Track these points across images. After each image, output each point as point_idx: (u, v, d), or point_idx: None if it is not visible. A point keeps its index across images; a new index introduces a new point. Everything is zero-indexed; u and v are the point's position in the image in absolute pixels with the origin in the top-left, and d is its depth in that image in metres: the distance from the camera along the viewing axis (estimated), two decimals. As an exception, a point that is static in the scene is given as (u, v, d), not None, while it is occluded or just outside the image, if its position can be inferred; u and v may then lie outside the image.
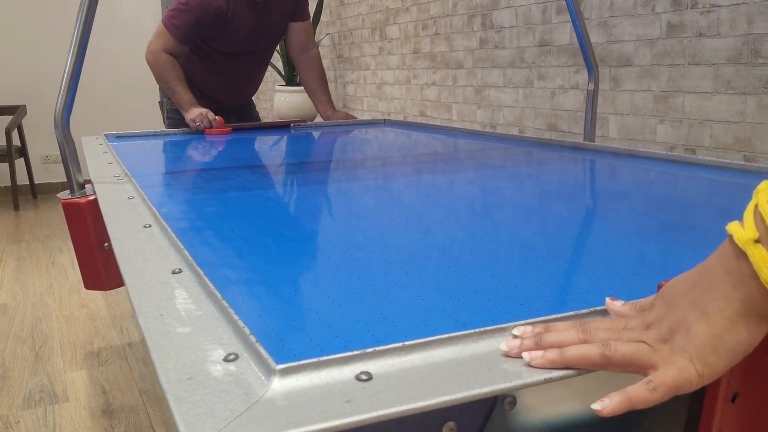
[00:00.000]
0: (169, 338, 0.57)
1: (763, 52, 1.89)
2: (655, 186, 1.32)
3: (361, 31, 4.19)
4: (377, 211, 1.14)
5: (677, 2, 2.12)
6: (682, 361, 0.47)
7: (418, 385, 0.48)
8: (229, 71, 2.67)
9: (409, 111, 3.74)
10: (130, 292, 0.69)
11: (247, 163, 1.78)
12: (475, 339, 0.54)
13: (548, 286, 0.71)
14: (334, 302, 0.67)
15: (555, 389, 0.51)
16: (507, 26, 2.89)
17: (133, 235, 0.94)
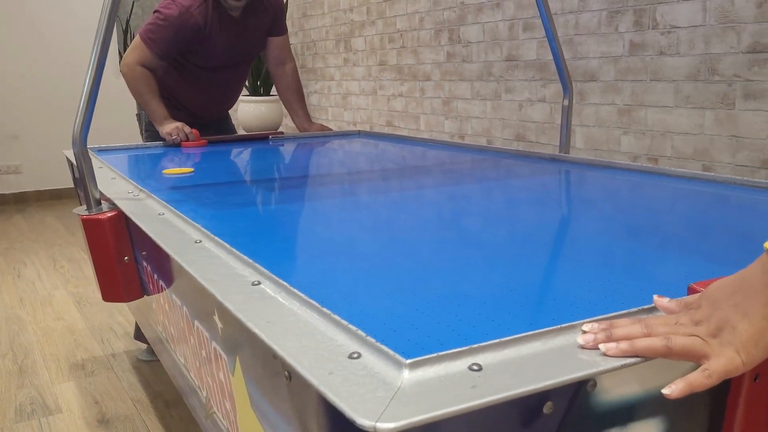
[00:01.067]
0: (289, 342, 0.66)
1: (719, 70, 2.07)
2: (631, 194, 1.47)
3: (325, 43, 4.28)
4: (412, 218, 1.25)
5: (639, 23, 2.29)
6: (730, 353, 0.59)
7: (523, 373, 0.58)
8: (208, 85, 2.73)
9: (376, 121, 3.85)
10: (227, 304, 0.77)
11: (256, 175, 1.86)
12: (554, 335, 0.65)
13: (591, 289, 0.83)
14: (409, 303, 0.78)
15: (622, 374, 0.62)
16: (474, 41, 3.03)
17: (189, 251, 1.01)
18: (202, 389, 1.12)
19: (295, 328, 0.69)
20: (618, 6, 2.35)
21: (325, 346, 0.64)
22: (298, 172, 2.06)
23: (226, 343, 0.90)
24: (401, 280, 0.90)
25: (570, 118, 2.03)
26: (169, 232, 1.14)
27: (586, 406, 0.61)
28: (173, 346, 1.30)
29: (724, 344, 0.59)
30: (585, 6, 2.47)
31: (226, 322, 0.87)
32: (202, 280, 0.86)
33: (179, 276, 1.10)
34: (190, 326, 1.09)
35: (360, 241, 1.15)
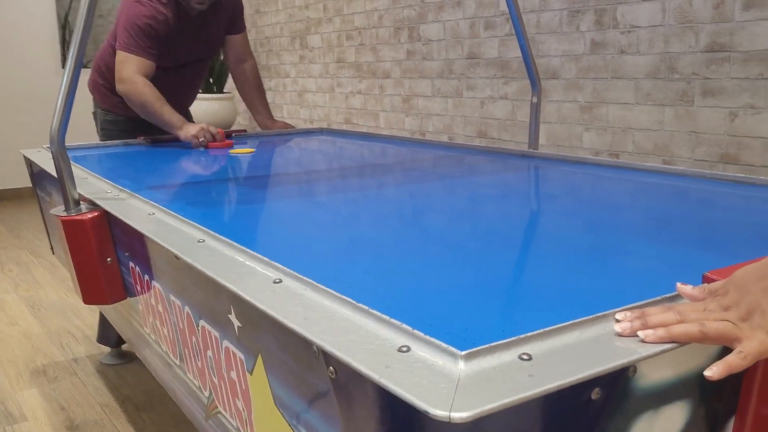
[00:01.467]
0: (335, 338, 0.66)
1: (678, 69, 2.15)
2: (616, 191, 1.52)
3: (280, 40, 4.25)
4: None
5: (600, 22, 2.36)
6: (762, 335, 0.62)
7: (572, 361, 0.60)
8: (169, 84, 2.68)
9: (334, 118, 3.85)
10: (257, 303, 0.77)
11: (232, 174, 1.84)
12: (590, 324, 0.67)
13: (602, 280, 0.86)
14: (435, 295, 0.79)
15: (657, 359, 0.65)
16: (435, 39, 3.07)
17: (195, 251, 1.00)
18: (204, 390, 1.11)
19: (333, 324, 0.70)
20: (579, 6, 2.42)
21: (371, 341, 0.65)
22: (272, 170, 2.05)
23: (243, 342, 0.89)
24: (421, 273, 0.92)
25: (539, 115, 2.08)
26: (167, 232, 1.13)
27: (627, 390, 0.64)
28: (166, 348, 1.28)
29: (755, 327, 0.63)
30: (546, 5, 2.53)
31: (246, 321, 0.87)
32: (222, 280, 0.86)
33: (181, 276, 1.09)
34: (193, 327, 1.08)
35: (362, 235, 1.16)
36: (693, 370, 0.69)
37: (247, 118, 4.79)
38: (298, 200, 1.51)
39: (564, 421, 0.60)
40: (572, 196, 1.52)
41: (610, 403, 0.63)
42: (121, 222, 1.34)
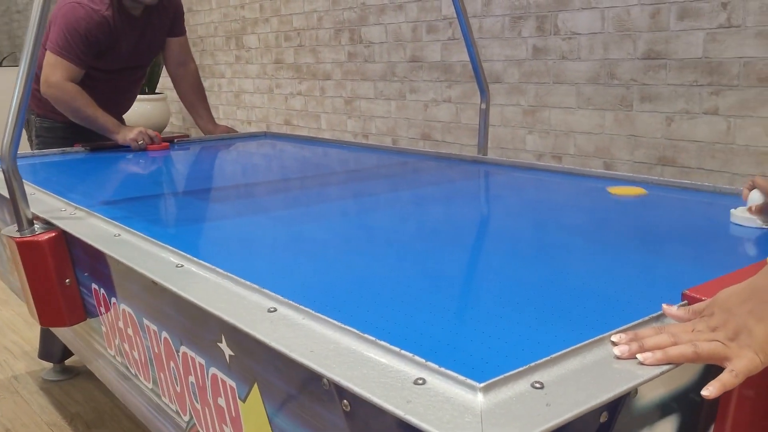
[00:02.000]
0: (348, 371, 0.67)
1: (617, 75, 2.24)
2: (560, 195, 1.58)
3: (214, 39, 4.17)
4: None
5: (541, 28, 2.43)
6: (750, 354, 0.67)
7: (581, 389, 0.63)
8: (109, 88, 2.60)
9: (273, 120, 3.82)
10: (257, 335, 0.77)
11: (186, 184, 1.81)
12: (590, 348, 0.71)
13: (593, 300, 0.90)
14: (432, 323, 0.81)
15: (655, 380, 0.69)
16: (377, 42, 3.08)
17: (176, 278, 0.99)
18: (184, 414, 1.10)
19: (342, 356, 0.71)
20: (521, 12, 2.48)
21: (385, 375, 0.67)
22: (224, 180, 2.03)
23: (236, 370, 0.89)
24: (401, 295, 0.94)
25: (487, 120, 2.12)
26: (141, 256, 1.11)
27: (629, 411, 0.67)
28: (135, 371, 1.25)
29: (743, 346, 0.67)
30: (488, 11, 2.58)
31: (239, 350, 0.87)
32: (215, 311, 0.85)
33: (158, 302, 1.07)
34: (172, 352, 1.07)
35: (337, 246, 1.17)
36: (682, 387, 0.73)
37: (180, 119, 4.69)
38: (263, 214, 1.50)
39: (578, 446, 0.63)
40: (519, 198, 1.57)
41: (615, 424, 0.66)
42: (83, 243, 1.30)
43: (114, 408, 2.23)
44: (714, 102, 2.02)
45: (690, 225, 1.30)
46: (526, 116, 2.53)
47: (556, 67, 2.40)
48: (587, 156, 2.35)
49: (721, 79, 1.99)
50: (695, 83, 2.05)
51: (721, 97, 2.00)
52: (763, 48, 1.89)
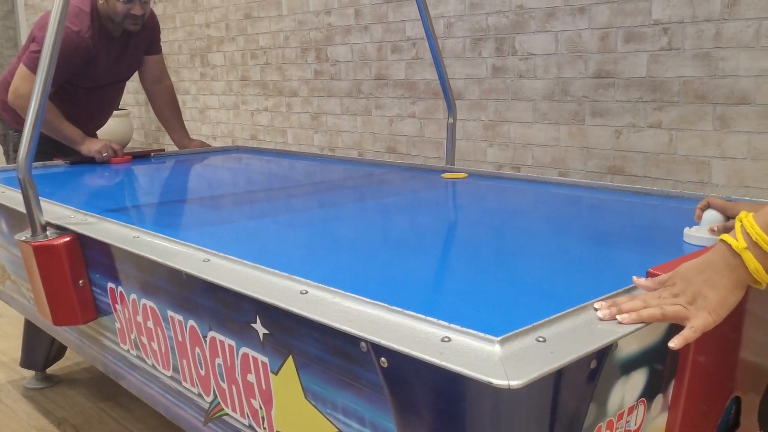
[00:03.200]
0: (385, 333, 0.82)
1: (570, 92, 2.45)
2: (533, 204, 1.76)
3: (178, 57, 4.27)
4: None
5: (500, 49, 2.63)
6: (705, 314, 0.84)
7: (576, 341, 0.80)
8: (88, 104, 2.69)
9: (239, 135, 3.93)
10: (300, 311, 0.91)
11: (178, 193, 1.93)
12: (578, 312, 0.87)
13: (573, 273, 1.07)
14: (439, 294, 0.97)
15: (631, 336, 0.86)
16: (343, 60, 3.24)
17: (205, 269, 1.12)
18: (207, 395, 1.22)
19: (375, 323, 0.86)
20: (480, 34, 2.67)
21: (416, 335, 0.82)
22: (203, 189, 2.14)
23: (269, 347, 1.03)
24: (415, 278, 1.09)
25: (454, 134, 2.30)
26: (167, 253, 1.23)
27: (612, 360, 0.84)
28: (152, 362, 1.37)
29: (700, 308, 0.85)
30: (451, 33, 2.77)
31: (275, 328, 1.01)
32: (254, 294, 0.99)
33: (186, 293, 1.19)
34: (198, 339, 1.19)
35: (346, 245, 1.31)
36: (650, 344, 0.90)
37: (143, 135, 4.75)
38: (260, 212, 1.64)
39: (574, 384, 0.79)
40: (481, 205, 1.74)
41: (602, 370, 0.83)
42: (100, 245, 1.41)
43: (99, 412, 2.30)
44: (657, 117, 2.24)
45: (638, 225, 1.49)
46: (486, 130, 2.72)
47: (514, 85, 2.60)
48: (544, 167, 2.55)
49: (664, 96, 2.21)
50: (640, 100, 2.27)
51: (663, 112, 2.22)
52: (700, 69, 2.12)
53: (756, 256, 0.83)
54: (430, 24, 2.16)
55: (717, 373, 1.06)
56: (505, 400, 0.76)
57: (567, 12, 2.41)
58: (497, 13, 2.61)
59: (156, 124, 4.55)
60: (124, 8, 2.41)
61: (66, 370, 2.59)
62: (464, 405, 0.77)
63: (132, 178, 2.34)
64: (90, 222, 1.50)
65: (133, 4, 2.42)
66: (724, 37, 2.06)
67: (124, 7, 2.41)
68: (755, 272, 0.83)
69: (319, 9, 3.26)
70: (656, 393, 0.95)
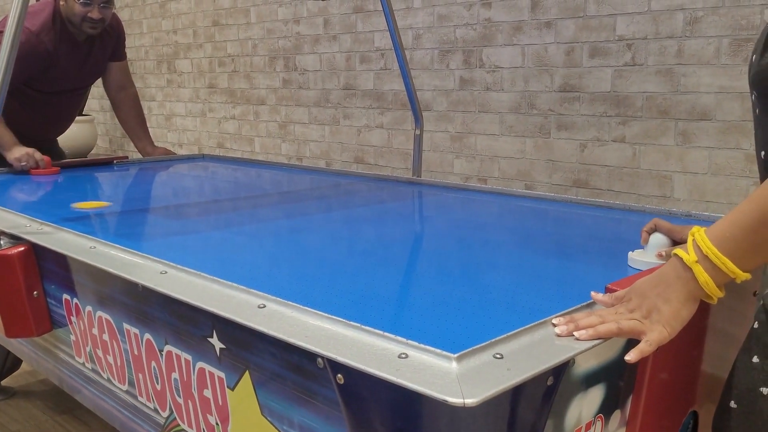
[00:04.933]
0: (343, 350, 0.81)
1: (536, 105, 2.47)
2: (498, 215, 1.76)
3: (145, 63, 4.22)
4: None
5: (468, 62, 2.64)
6: (660, 328, 0.85)
7: (532, 358, 0.79)
8: (48, 109, 2.64)
9: (205, 143, 3.89)
10: (255, 326, 0.89)
11: (138, 201, 1.89)
12: (536, 329, 0.87)
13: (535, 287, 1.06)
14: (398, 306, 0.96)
15: (588, 352, 0.86)
16: (311, 69, 3.23)
17: (162, 281, 1.10)
18: (163, 410, 1.19)
19: (333, 339, 0.84)
20: (448, 46, 2.68)
21: (374, 351, 0.81)
22: (166, 198, 2.11)
23: (225, 362, 1.01)
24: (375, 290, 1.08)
25: (421, 145, 2.30)
26: (123, 265, 1.20)
27: (569, 376, 0.84)
28: (109, 375, 1.34)
29: (654, 322, 0.85)
30: (419, 44, 2.78)
31: (231, 343, 0.99)
32: (212, 308, 0.97)
33: (143, 306, 1.17)
34: (154, 352, 1.16)
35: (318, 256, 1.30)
36: (607, 360, 0.90)
37: (107, 141, 4.68)
38: (218, 223, 1.61)
39: (531, 401, 0.79)
40: (448, 216, 1.74)
41: (559, 387, 0.82)
42: (56, 256, 1.38)
43: (55, 425, 2.24)
44: (621, 131, 2.27)
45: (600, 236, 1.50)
46: (453, 142, 2.72)
47: (481, 97, 2.61)
48: (510, 179, 2.56)
49: (627, 111, 2.24)
50: (605, 114, 2.29)
51: (627, 126, 2.25)
52: (662, 84, 2.15)
53: (706, 270, 0.84)
54: (398, 36, 2.16)
55: (675, 388, 1.06)
56: (461, 417, 0.75)
57: (534, 26, 2.43)
58: (465, 26, 2.62)
59: (121, 130, 4.49)
60: (82, 10, 2.37)
61: (21, 381, 2.53)
62: (420, 422, 0.77)
63: (94, 186, 2.30)
64: (46, 231, 1.47)
65: (92, 7, 2.38)
66: (686, 54, 2.09)
67: (82, 10, 2.37)
68: (705, 285, 0.84)
69: (288, 18, 3.25)
70: (614, 408, 0.95)
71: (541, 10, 2.40)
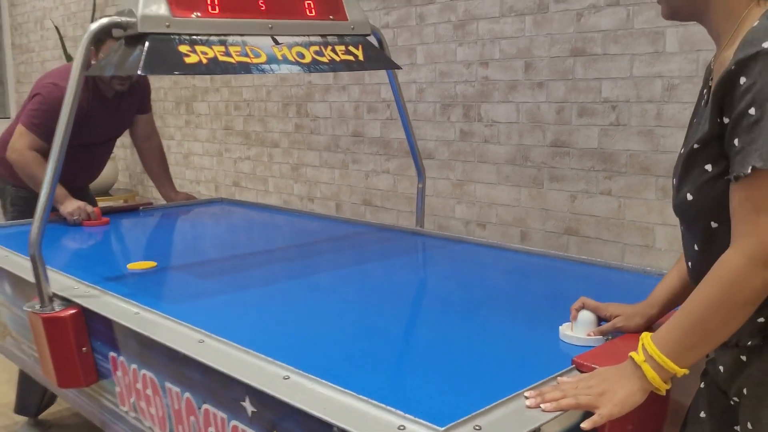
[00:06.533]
0: (351, 421, 1.01)
1: (530, 158, 2.67)
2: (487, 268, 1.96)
3: (164, 104, 4.45)
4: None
5: (467, 115, 2.85)
6: (611, 405, 1.05)
7: (506, 428, 0.99)
8: (82, 159, 2.86)
9: (221, 181, 4.12)
10: (282, 397, 1.10)
11: (176, 255, 2.11)
12: (510, 401, 1.07)
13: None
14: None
15: (553, 421, 1.05)
16: (322, 116, 3.45)
17: (200, 350, 1.30)
18: (200, 457, 1.40)
19: (345, 410, 1.05)
20: (449, 101, 2.90)
21: (378, 422, 1.01)
22: (197, 250, 2.32)
23: (256, 422, 1.21)
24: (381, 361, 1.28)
25: (424, 198, 2.51)
26: (164, 332, 1.41)
27: (536, 442, 1.04)
28: (149, 424, 1.54)
29: (608, 401, 1.05)
30: (422, 98, 2.99)
31: (261, 407, 1.19)
32: (244, 378, 1.17)
33: (184, 369, 1.37)
34: (193, 409, 1.37)
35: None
36: (570, 425, 1.10)
37: (127, 176, 4.91)
38: (261, 288, 1.82)
39: (504, 466, 0.99)
40: (447, 273, 1.94)
41: (527, 452, 1.03)
42: (102, 317, 1.59)
43: (90, 457, 2.45)
44: (608, 184, 2.47)
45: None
46: (455, 188, 2.93)
47: (480, 149, 2.82)
48: (507, 225, 2.77)
49: (613, 167, 2.44)
50: (593, 168, 2.50)
51: (613, 180, 2.45)
52: (644, 143, 2.35)
53: (653, 368, 1.05)
54: (402, 101, 2.38)
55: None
56: (447, 479, 0.95)
57: (527, 86, 2.64)
58: (464, 83, 2.83)
59: (140, 167, 4.71)
60: None
61: (57, 415, 2.74)
62: (415, 482, 0.97)
63: (125, 238, 2.51)
64: (93, 294, 1.68)
65: None
66: (665, 117, 2.30)
67: None
68: (653, 380, 1.05)
69: (299, 69, 3.48)
70: (579, 462, 1.14)
71: (533, 71, 2.61)
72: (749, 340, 1.05)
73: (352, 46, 2.06)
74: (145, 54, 1.68)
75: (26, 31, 5.75)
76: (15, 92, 6.01)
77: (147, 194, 4.58)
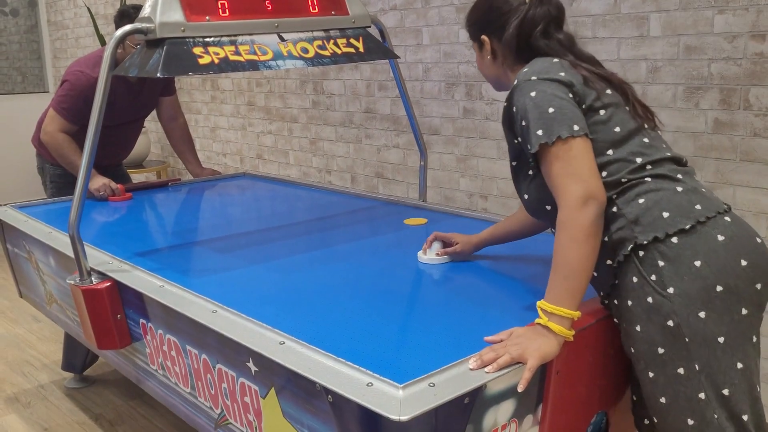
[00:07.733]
0: (333, 379, 1.24)
1: (527, 135, 2.84)
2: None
3: (191, 80, 4.68)
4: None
5: (470, 94, 3.02)
6: (537, 356, 1.26)
7: (455, 385, 1.21)
8: (110, 139, 3.10)
9: (246, 153, 4.35)
10: (278, 360, 1.33)
11: (199, 231, 2.35)
12: (459, 365, 1.28)
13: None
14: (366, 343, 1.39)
15: (498, 379, 1.27)
16: (337, 94, 3.64)
17: (210, 320, 1.54)
18: (216, 408, 1.65)
19: (327, 371, 1.28)
20: (453, 80, 3.07)
21: (351, 381, 1.24)
22: (220, 225, 2.56)
23: (258, 379, 1.45)
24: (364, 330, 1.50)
25: (426, 174, 2.70)
26: (184, 303, 1.65)
27: (482, 396, 1.26)
28: (175, 381, 1.80)
29: (529, 354, 1.27)
30: (428, 77, 3.17)
31: (262, 367, 1.43)
32: (246, 343, 1.41)
33: (200, 335, 1.61)
34: (209, 368, 1.62)
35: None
36: (513, 383, 1.31)
37: (159, 148, 5.18)
38: (277, 263, 2.05)
39: (453, 414, 1.21)
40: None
41: (474, 404, 1.24)
42: (134, 290, 1.84)
43: (130, 409, 2.75)
44: (598, 160, 2.63)
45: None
46: (459, 163, 3.12)
47: (481, 125, 3.00)
48: (507, 197, 2.96)
49: (602, 143, 2.60)
50: (584, 145, 2.66)
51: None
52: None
53: (556, 322, 1.30)
54: (403, 86, 2.56)
55: (579, 394, 1.47)
56: (404, 427, 1.17)
57: (524, 66, 2.80)
58: (466, 63, 3.00)
59: (171, 139, 4.97)
60: None
61: (99, 371, 3.04)
62: (379, 429, 1.20)
63: (154, 213, 2.77)
64: (125, 269, 1.93)
65: None
66: (649, 97, 2.45)
67: None
68: (560, 332, 1.30)
69: (315, 48, 3.66)
70: (526, 414, 1.36)
71: (530, 53, 2.77)
72: (610, 280, 1.42)
73: (353, 39, 2.25)
74: (163, 57, 1.89)
75: (60, 8, 6.00)
76: (52, 67, 6.29)
77: (178, 165, 4.84)
